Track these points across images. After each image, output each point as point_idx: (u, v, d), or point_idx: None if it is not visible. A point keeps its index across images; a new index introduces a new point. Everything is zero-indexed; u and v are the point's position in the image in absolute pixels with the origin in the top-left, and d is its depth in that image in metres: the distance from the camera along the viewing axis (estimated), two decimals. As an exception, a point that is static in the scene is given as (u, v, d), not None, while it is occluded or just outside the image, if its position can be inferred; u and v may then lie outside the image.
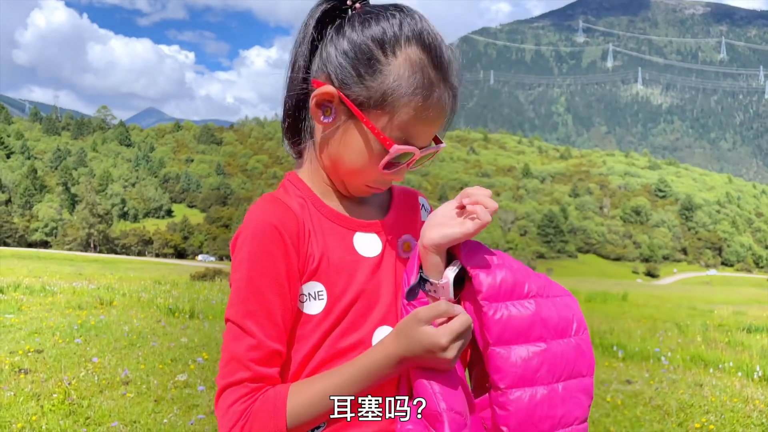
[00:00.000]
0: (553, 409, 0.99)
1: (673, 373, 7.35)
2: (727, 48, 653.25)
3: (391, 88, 0.95)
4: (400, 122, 0.96)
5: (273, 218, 0.97)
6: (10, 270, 22.83)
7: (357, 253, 1.04)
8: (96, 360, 6.15)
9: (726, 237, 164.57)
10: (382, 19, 0.96)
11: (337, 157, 1.01)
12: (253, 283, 0.93)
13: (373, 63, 0.95)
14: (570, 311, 1.04)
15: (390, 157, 0.97)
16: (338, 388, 0.91)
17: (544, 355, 0.99)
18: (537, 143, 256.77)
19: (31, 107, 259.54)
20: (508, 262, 1.03)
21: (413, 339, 0.92)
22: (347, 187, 1.05)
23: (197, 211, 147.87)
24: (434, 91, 0.96)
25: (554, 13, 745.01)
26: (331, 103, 0.98)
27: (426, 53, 0.96)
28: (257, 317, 0.91)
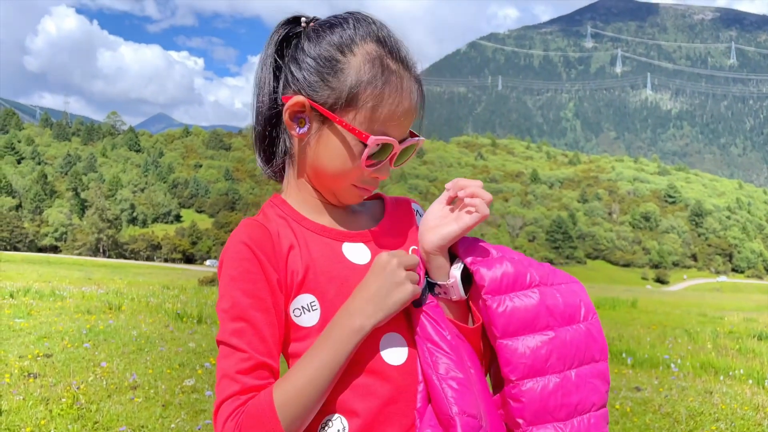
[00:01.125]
0: (567, 396, 0.99)
1: (683, 381, 7.30)
2: (737, 53, 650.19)
3: (355, 83, 0.97)
4: (371, 115, 0.97)
5: (244, 237, 0.98)
6: (20, 275, 22.98)
7: (347, 260, 1.03)
8: (104, 364, 6.17)
9: (736, 243, 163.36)
10: (336, 26, 1.00)
11: (319, 164, 1.02)
12: (235, 303, 0.94)
13: (333, 65, 0.98)
14: (576, 297, 1.04)
15: (370, 149, 0.97)
16: (317, 366, 0.90)
17: (553, 343, 0.99)
18: (545, 149, 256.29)
19: (42, 113, 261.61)
20: (509, 254, 1.03)
21: (369, 274, 0.95)
22: (336, 195, 1.05)
23: (205, 216, 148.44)
24: (395, 78, 0.99)
25: (562, 19, 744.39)
26: (303, 113, 1.00)
27: (382, 47, 1.00)
28: (243, 334, 0.92)
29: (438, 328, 0.98)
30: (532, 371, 0.98)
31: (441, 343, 0.96)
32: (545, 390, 0.97)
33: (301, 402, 0.88)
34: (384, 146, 0.99)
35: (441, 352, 0.96)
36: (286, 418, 0.87)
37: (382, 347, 0.99)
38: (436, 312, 1.00)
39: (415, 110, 1.02)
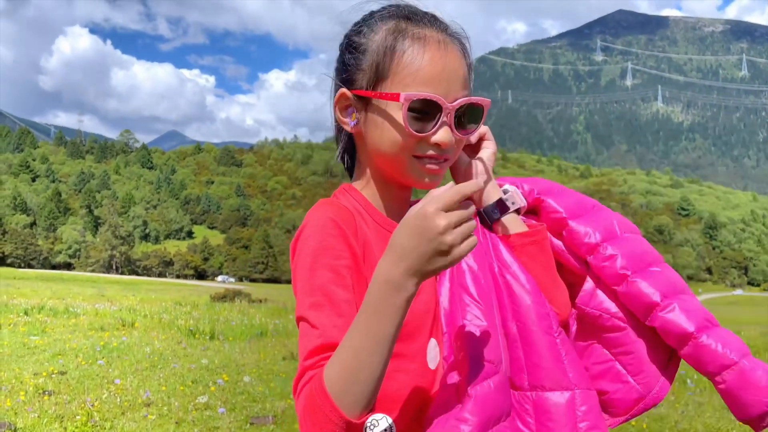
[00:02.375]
0: (643, 245, 1.10)
1: (700, 396, 7.20)
2: (748, 65, 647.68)
3: (379, 55, 0.97)
4: (403, 80, 0.96)
5: (330, 213, 0.97)
6: (34, 292, 23.17)
7: None
8: (118, 382, 6.19)
9: (752, 256, 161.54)
10: (361, 22, 1.03)
11: (376, 150, 1.01)
12: (315, 276, 0.92)
13: (358, 48, 1.00)
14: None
15: (406, 107, 0.94)
16: (361, 337, 0.82)
17: (606, 212, 1.15)
18: (556, 162, 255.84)
19: (56, 132, 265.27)
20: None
21: (407, 230, 0.81)
22: (404, 176, 1.01)
23: (217, 232, 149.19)
24: (418, 38, 0.97)
25: (571, 33, 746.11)
26: (350, 105, 1.01)
27: (402, 18, 1.00)
28: (321, 309, 0.88)
29: (477, 280, 1.00)
30: (608, 233, 1.07)
31: (473, 292, 0.98)
32: (628, 242, 1.08)
33: (353, 379, 0.81)
34: (429, 105, 0.95)
35: (470, 299, 0.98)
36: (341, 400, 0.81)
37: (428, 351, 1.00)
38: (481, 263, 1.02)
39: (457, 66, 0.98)
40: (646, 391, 1.05)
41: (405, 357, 0.97)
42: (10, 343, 8.54)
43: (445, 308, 1.00)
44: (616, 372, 1.06)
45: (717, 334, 1.01)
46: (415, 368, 0.98)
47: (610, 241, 1.06)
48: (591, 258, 1.05)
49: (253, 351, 9.16)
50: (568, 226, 1.07)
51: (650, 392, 1.06)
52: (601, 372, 1.05)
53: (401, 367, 0.96)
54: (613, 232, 1.07)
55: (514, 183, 1.12)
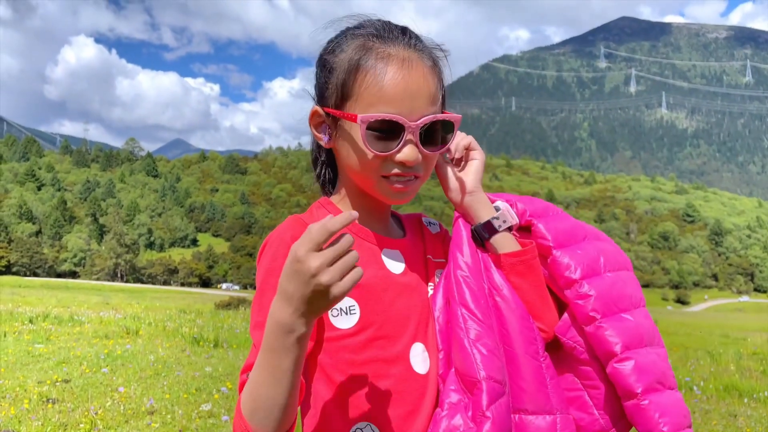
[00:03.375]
0: (623, 289, 1.07)
1: (706, 404, 7.15)
2: (753, 71, 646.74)
3: (345, 73, 0.97)
4: (367, 99, 0.96)
5: (286, 235, 0.98)
6: (39, 300, 23.23)
7: (387, 269, 1.05)
8: (122, 390, 6.19)
9: (758, 262, 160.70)
10: (333, 39, 1.03)
11: (346, 166, 1.03)
12: (263, 296, 0.94)
13: (327, 65, 1.00)
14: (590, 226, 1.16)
15: (363, 129, 0.94)
16: (262, 374, 0.86)
17: (597, 247, 1.10)
18: (560, 169, 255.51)
19: (62, 140, 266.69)
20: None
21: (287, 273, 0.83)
22: (375, 193, 1.03)
23: (222, 240, 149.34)
24: (383, 55, 0.97)
25: (575, 40, 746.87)
26: (323, 121, 1.02)
27: (370, 36, 0.99)
28: (261, 329, 0.89)
29: (476, 295, 1.01)
30: (589, 271, 1.06)
31: (475, 311, 0.99)
32: (606, 284, 1.06)
33: (258, 406, 0.87)
34: (391, 125, 0.95)
35: (474, 319, 0.98)
36: (252, 420, 0.87)
37: (412, 355, 1.01)
38: (477, 278, 1.03)
39: (421, 84, 0.97)
40: (607, 426, 1.06)
41: (384, 362, 0.99)
42: (14, 351, 8.55)
43: (440, 325, 1.03)
44: (584, 402, 1.07)
45: (662, 399, 1.02)
46: (398, 373, 0.99)
47: (590, 279, 1.05)
48: (567, 292, 1.06)
49: (257, 359, 9.13)
50: (552, 255, 1.07)
51: (610, 430, 1.07)
52: (570, 399, 1.07)
53: (382, 372, 0.98)
54: (596, 270, 1.07)
55: (509, 201, 1.11)
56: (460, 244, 1.06)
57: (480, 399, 0.93)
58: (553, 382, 1.04)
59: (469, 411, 0.94)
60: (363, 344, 0.98)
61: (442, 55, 1.03)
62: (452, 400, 0.96)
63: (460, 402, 0.95)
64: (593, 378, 1.07)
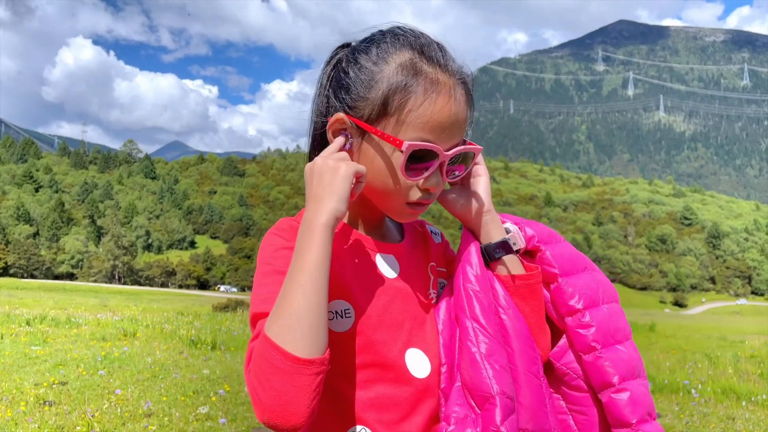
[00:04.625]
0: (617, 321, 1.10)
1: (704, 407, 7.15)
2: (750, 74, 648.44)
3: (387, 90, 0.95)
4: (406, 120, 0.95)
5: (277, 230, 1.01)
6: (36, 302, 23.16)
7: (381, 273, 1.04)
8: (119, 392, 6.17)
9: (755, 265, 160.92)
10: (373, 42, 1.00)
11: (368, 182, 0.99)
12: (260, 277, 0.95)
13: (368, 76, 0.97)
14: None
15: (406, 154, 0.94)
16: (297, 279, 0.86)
17: (596, 279, 1.12)
18: (558, 171, 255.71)
19: (60, 142, 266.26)
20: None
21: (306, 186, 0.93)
22: (390, 214, 1.04)
23: (220, 242, 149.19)
24: (430, 80, 0.95)
25: (573, 43, 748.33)
26: (345, 130, 1.00)
27: (417, 53, 0.97)
28: (265, 302, 0.90)
29: (487, 310, 1.01)
30: (591, 301, 1.08)
31: (486, 326, 0.99)
32: (605, 315, 1.08)
33: (292, 316, 0.83)
34: (426, 153, 0.95)
35: (485, 334, 0.98)
36: (285, 340, 0.82)
37: (408, 360, 1.00)
38: (486, 293, 1.03)
39: (461, 115, 0.98)
40: None
41: (380, 366, 0.98)
42: (11, 353, 8.52)
43: (443, 339, 1.03)
44: (567, 425, 1.09)
45: (651, 429, 1.06)
46: (393, 377, 0.98)
47: (591, 310, 1.08)
48: (569, 320, 1.07)
49: (255, 361, 9.12)
50: (558, 282, 1.09)
51: None
52: (555, 421, 1.08)
53: (377, 376, 0.98)
54: (596, 301, 1.09)
55: (517, 223, 1.12)
56: (469, 258, 1.05)
57: (493, 414, 0.93)
58: (550, 402, 1.06)
59: (478, 427, 0.94)
60: (358, 348, 0.97)
61: (472, 80, 1.02)
62: (459, 415, 0.95)
63: (468, 417, 0.95)
64: (581, 404, 1.08)
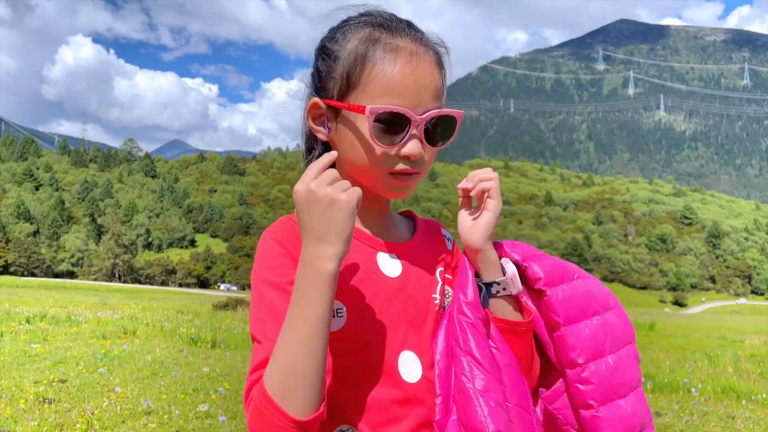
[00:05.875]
0: (624, 374, 1.02)
1: (704, 405, 7.15)
2: (750, 74, 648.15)
3: (350, 63, 0.95)
4: (372, 90, 0.94)
5: (273, 233, 0.98)
6: (36, 300, 23.17)
7: (380, 271, 1.01)
8: (119, 390, 6.17)
9: (755, 265, 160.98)
10: (335, 30, 1.00)
11: (349, 160, 0.99)
12: (259, 293, 0.93)
13: (330, 54, 0.97)
14: (601, 286, 1.08)
15: (371, 121, 0.92)
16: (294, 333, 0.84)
17: (604, 326, 1.03)
18: (559, 171, 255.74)
19: (60, 140, 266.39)
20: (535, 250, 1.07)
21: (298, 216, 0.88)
22: (379, 189, 1.01)
23: (220, 240, 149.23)
24: (390, 46, 0.95)
25: (573, 42, 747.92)
26: (322, 113, 0.99)
27: (375, 26, 0.97)
28: (265, 324, 0.89)
29: (481, 343, 0.97)
30: (594, 353, 1.01)
31: (482, 360, 0.96)
32: (608, 368, 1.01)
33: (291, 374, 0.81)
34: (397, 118, 0.93)
35: (480, 368, 0.96)
36: (284, 399, 0.80)
37: (400, 363, 0.98)
38: (479, 325, 0.99)
39: (427, 77, 0.96)
40: None
41: (370, 367, 0.96)
42: (11, 351, 8.52)
43: (439, 369, 1.00)
44: None
45: None
46: (383, 379, 0.96)
47: (594, 362, 1.01)
48: (569, 372, 1.02)
49: (255, 359, 9.12)
50: (560, 331, 1.03)
51: None
52: None
53: (367, 377, 0.96)
54: (601, 351, 1.02)
55: (523, 258, 1.05)
56: (464, 285, 1.02)
57: None
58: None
59: None
60: (349, 348, 0.95)
61: (445, 51, 1.02)
62: None
63: None
64: None
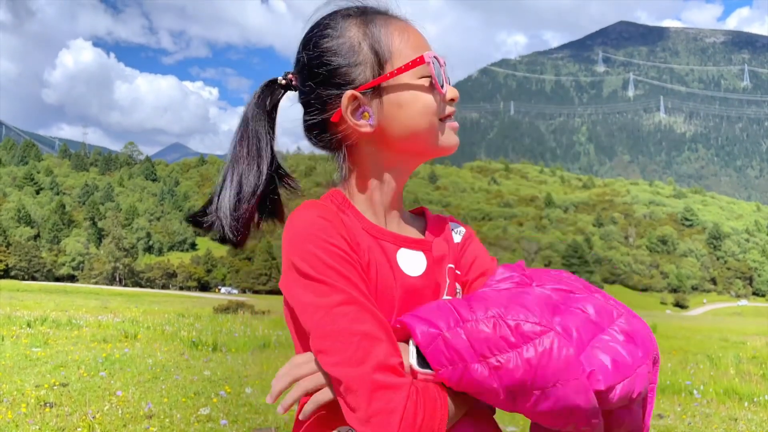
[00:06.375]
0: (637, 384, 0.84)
1: (707, 407, 7.13)
2: (750, 75, 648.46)
3: (369, 44, 0.94)
4: (404, 49, 0.94)
5: (320, 213, 0.90)
6: (37, 304, 23.17)
7: (401, 270, 0.96)
8: (120, 393, 6.16)
9: (756, 266, 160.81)
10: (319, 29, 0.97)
11: (405, 130, 0.94)
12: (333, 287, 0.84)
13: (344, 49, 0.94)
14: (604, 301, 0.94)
15: (433, 66, 0.93)
16: None
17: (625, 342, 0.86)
18: (559, 173, 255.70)
19: (61, 144, 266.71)
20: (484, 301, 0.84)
21: None
22: (436, 144, 0.96)
23: (220, 243, 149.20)
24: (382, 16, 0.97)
25: (573, 44, 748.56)
26: (359, 105, 0.94)
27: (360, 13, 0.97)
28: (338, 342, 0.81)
29: None
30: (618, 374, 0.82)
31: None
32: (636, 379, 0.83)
33: None
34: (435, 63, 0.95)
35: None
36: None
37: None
38: None
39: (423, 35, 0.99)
40: None
41: None
42: (12, 355, 8.52)
43: None
44: None
45: None
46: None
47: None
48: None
49: (256, 362, 9.12)
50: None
51: None
52: None
53: None
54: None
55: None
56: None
57: None
58: None
59: None
60: None
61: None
62: None
63: None
64: None
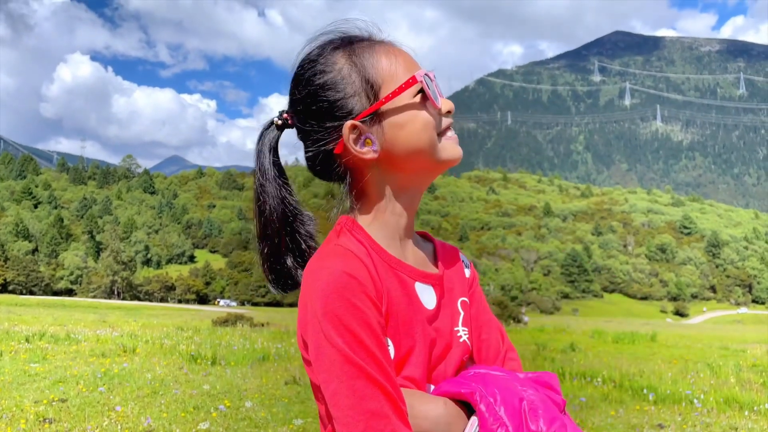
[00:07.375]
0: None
1: (707, 416, 7.12)
2: (746, 83, 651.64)
3: (361, 71, 0.95)
4: (395, 73, 0.96)
5: (346, 267, 0.87)
6: (35, 319, 23.09)
7: (420, 303, 0.98)
8: (119, 408, 6.14)
9: (755, 274, 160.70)
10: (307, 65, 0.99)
11: (407, 149, 0.95)
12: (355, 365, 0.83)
13: (335, 81, 0.96)
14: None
15: (425, 83, 0.95)
16: None
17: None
18: (557, 182, 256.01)
19: (59, 158, 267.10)
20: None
21: None
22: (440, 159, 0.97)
23: (219, 256, 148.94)
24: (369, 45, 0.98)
25: (569, 54, 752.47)
26: (360, 134, 0.95)
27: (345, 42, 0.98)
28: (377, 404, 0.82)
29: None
30: None
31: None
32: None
33: None
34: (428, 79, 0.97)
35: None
36: None
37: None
38: None
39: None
40: None
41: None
42: (10, 371, 8.49)
43: None
44: None
45: None
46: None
47: None
48: None
49: (255, 376, 9.10)
50: None
51: None
52: None
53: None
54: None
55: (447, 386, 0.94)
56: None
57: None
58: None
59: None
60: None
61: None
62: None
63: None
64: None
